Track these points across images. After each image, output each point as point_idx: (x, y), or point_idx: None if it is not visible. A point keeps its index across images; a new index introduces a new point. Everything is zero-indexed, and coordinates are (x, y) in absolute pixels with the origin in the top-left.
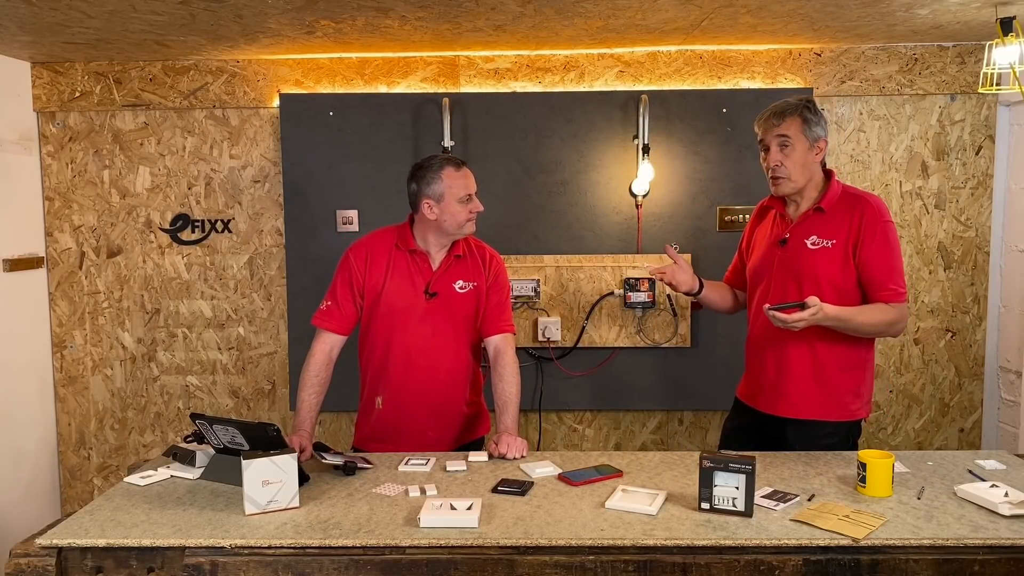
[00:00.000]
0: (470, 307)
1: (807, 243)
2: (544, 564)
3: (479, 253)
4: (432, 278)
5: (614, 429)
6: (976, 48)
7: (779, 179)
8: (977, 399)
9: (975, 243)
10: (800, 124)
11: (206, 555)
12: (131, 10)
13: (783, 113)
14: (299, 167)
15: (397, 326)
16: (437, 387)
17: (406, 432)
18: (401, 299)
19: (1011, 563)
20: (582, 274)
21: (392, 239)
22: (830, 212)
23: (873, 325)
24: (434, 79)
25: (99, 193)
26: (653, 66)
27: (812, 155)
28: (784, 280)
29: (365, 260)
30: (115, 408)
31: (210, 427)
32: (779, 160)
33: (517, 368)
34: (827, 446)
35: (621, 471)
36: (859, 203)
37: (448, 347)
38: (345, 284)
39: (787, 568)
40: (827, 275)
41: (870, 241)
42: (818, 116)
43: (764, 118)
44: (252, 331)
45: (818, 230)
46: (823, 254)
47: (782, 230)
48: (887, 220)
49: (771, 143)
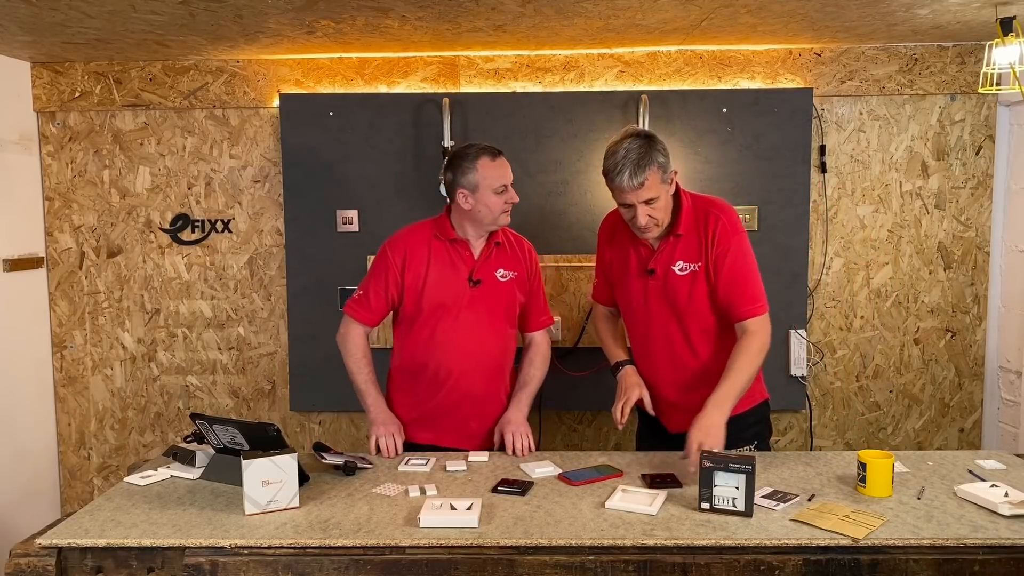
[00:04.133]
0: (512, 296)
1: (675, 270)
2: (544, 564)
3: (517, 243)
4: (474, 266)
5: (614, 429)
6: (976, 48)
7: (649, 229)
8: (977, 399)
9: (975, 243)
10: (657, 176)
11: (206, 555)
12: (131, 10)
13: (640, 172)
14: (299, 167)
15: (443, 315)
16: (481, 376)
17: (451, 421)
18: (446, 288)
19: (1011, 563)
20: (582, 274)
21: (430, 231)
22: (686, 235)
23: (754, 368)
24: (434, 79)
25: (99, 193)
26: (653, 66)
27: (670, 192)
28: (660, 309)
29: (403, 256)
30: (115, 408)
31: (210, 427)
32: (648, 215)
33: (548, 359)
34: (754, 435)
35: (621, 471)
36: (710, 218)
37: (492, 335)
38: (379, 281)
39: (787, 568)
40: (701, 298)
41: (723, 257)
42: (665, 152)
43: (624, 181)
44: (252, 331)
45: (681, 255)
46: (692, 278)
47: (644, 258)
48: (738, 231)
49: (636, 204)
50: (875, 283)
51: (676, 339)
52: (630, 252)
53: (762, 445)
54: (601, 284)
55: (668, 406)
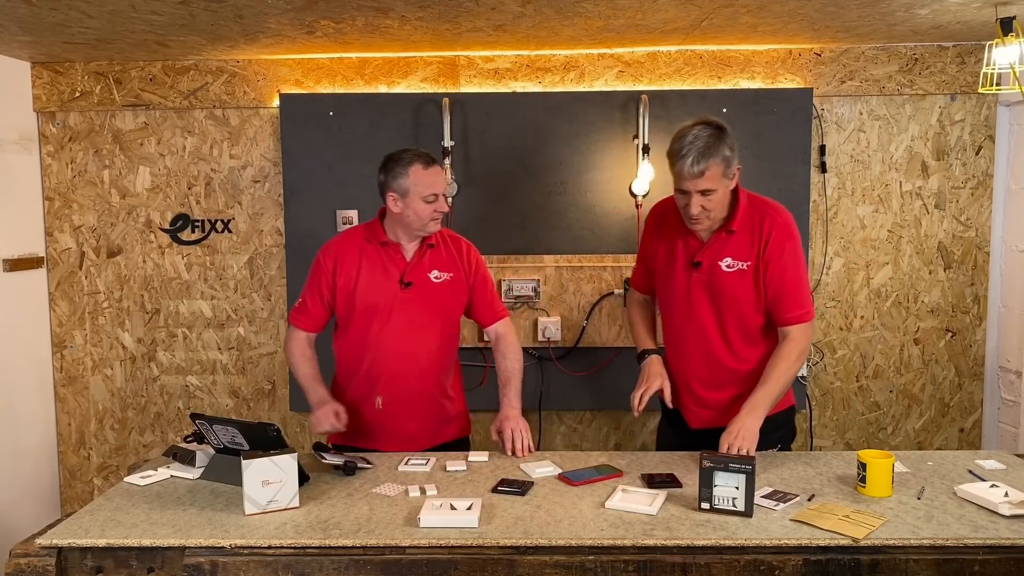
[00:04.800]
0: (447, 297)
1: (722, 266)
2: (544, 564)
3: (453, 244)
4: (406, 268)
5: (614, 429)
6: (976, 48)
7: (700, 221)
8: (977, 399)
9: (975, 243)
10: (720, 168)
11: (206, 555)
12: (131, 10)
13: (704, 160)
14: (299, 167)
15: (375, 318)
16: (415, 377)
17: (388, 425)
18: (376, 291)
19: (1011, 563)
20: (582, 274)
21: (361, 235)
22: (739, 232)
23: (791, 375)
24: (434, 79)
25: (99, 193)
26: (653, 66)
27: (730, 187)
28: (702, 303)
29: (334, 261)
30: (115, 408)
31: (210, 427)
32: (700, 206)
33: (519, 347)
34: (779, 438)
35: (621, 471)
36: (766, 220)
37: (425, 337)
38: (313, 286)
39: (787, 568)
40: (745, 297)
41: (776, 260)
42: (733, 147)
43: (685, 167)
44: (252, 331)
45: (732, 251)
46: (739, 276)
47: (692, 250)
48: (793, 236)
49: (692, 192)
50: (875, 283)
51: (712, 335)
52: (678, 242)
53: (785, 448)
54: (640, 271)
55: (693, 401)
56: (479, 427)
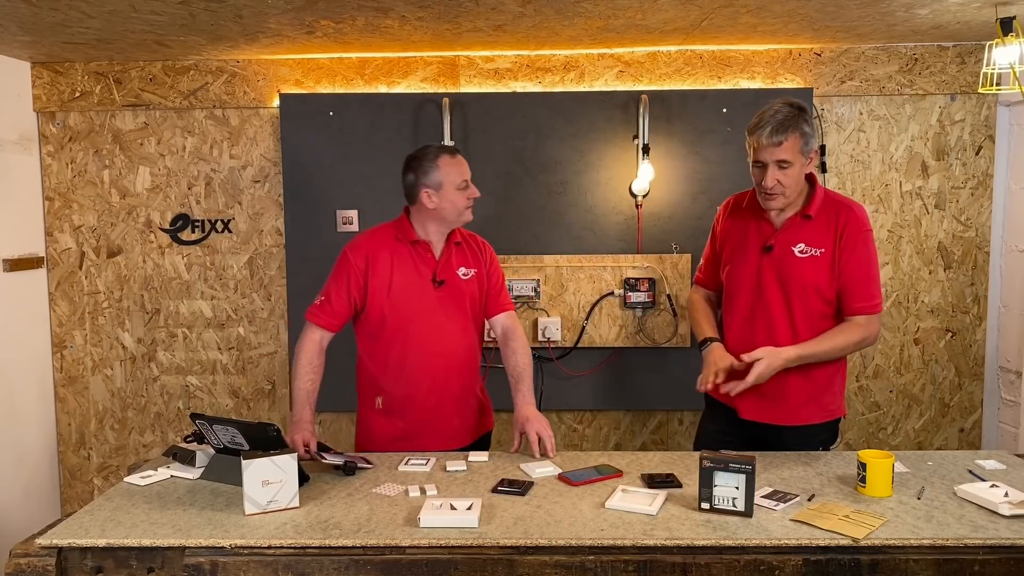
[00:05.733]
0: (474, 293)
1: (795, 251)
2: (544, 564)
3: (473, 241)
4: (437, 266)
5: (614, 429)
6: (976, 48)
7: (774, 196)
8: (977, 399)
9: (975, 243)
10: (798, 142)
11: (206, 555)
12: (131, 10)
13: (783, 131)
14: (299, 167)
15: (411, 317)
16: (456, 374)
17: (433, 423)
18: (411, 290)
19: (1011, 563)
20: (582, 274)
21: (391, 233)
22: (816, 219)
23: (839, 349)
24: (434, 79)
25: (99, 193)
26: (653, 66)
27: (806, 168)
28: (771, 288)
29: (365, 259)
30: (115, 408)
31: (210, 427)
32: (776, 180)
33: (527, 342)
34: (822, 441)
35: (621, 471)
36: (843, 211)
37: (461, 334)
38: (341, 284)
39: (787, 568)
40: (815, 284)
41: (851, 251)
42: (812, 126)
43: (764, 136)
44: (252, 331)
45: (805, 238)
46: (812, 263)
47: (765, 235)
48: (868, 230)
49: (768, 163)
50: None
51: (780, 321)
52: (751, 226)
53: (826, 449)
54: (707, 266)
55: (750, 389)
56: None
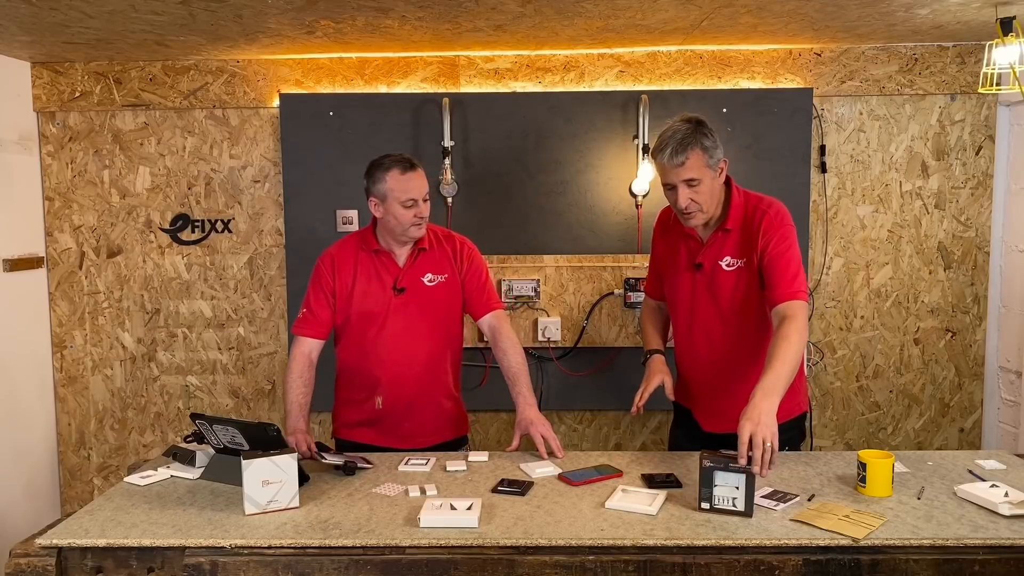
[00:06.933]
0: (441, 299)
1: (722, 265)
2: (544, 564)
3: (448, 244)
4: (399, 274)
5: (614, 429)
6: (976, 48)
7: (692, 215)
8: (977, 399)
9: (975, 243)
10: (702, 158)
11: (206, 555)
12: (131, 10)
13: (683, 150)
14: (299, 167)
15: (370, 325)
16: (412, 380)
17: (387, 423)
18: (371, 299)
19: (1011, 563)
20: (582, 274)
21: (355, 243)
22: (735, 230)
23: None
24: (434, 79)
25: (99, 193)
26: (653, 66)
27: (717, 180)
28: (704, 303)
29: (332, 267)
30: (115, 408)
31: (210, 427)
32: (689, 199)
33: (517, 340)
34: (788, 440)
35: (621, 471)
36: (758, 213)
37: (422, 340)
38: (317, 291)
39: (787, 568)
40: (746, 294)
41: (767, 245)
42: (713, 137)
43: (666, 158)
44: (252, 331)
45: (730, 250)
46: (739, 274)
47: (693, 252)
48: (786, 224)
49: (677, 184)
50: (875, 283)
51: (717, 335)
52: (680, 246)
53: (794, 449)
54: (652, 278)
55: (704, 402)
56: (479, 427)
